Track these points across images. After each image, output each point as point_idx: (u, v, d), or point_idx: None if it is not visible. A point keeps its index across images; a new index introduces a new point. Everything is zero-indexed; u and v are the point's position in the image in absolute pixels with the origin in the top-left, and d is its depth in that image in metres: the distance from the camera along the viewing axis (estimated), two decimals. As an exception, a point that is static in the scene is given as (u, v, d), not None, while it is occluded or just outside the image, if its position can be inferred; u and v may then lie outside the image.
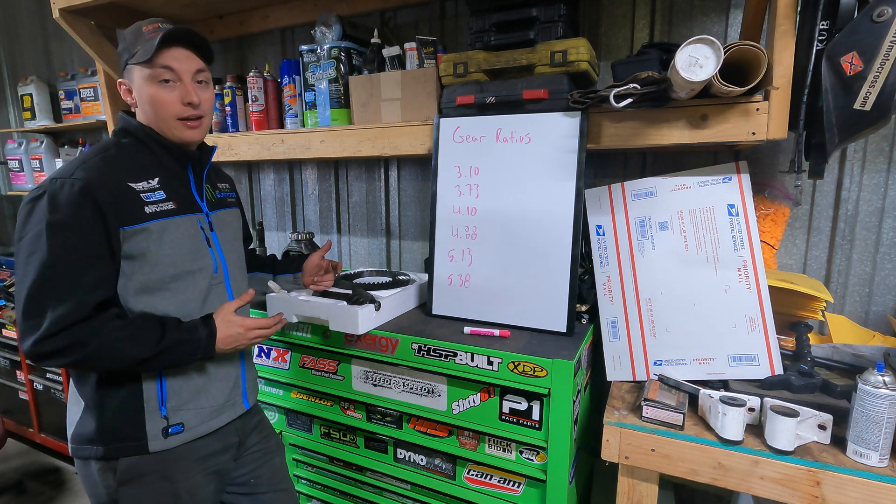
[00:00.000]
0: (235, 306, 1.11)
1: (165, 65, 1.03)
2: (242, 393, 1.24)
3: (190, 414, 1.11)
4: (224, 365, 1.18)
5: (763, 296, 1.22)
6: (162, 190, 1.06)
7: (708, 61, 1.04)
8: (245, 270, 1.33)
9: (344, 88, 1.78)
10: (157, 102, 1.05)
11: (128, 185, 1.02)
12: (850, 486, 0.96)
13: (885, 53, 0.97)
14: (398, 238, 2.18)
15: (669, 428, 1.11)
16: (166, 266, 1.05)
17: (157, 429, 1.07)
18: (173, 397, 1.08)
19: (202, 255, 1.11)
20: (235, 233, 1.28)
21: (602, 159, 1.74)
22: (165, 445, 1.07)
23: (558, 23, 1.38)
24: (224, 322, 1.08)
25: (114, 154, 1.05)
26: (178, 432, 1.09)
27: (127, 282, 1.02)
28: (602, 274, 1.38)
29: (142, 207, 1.02)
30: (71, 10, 1.95)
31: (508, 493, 1.33)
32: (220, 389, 1.16)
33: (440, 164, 1.54)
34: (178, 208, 1.08)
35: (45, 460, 2.77)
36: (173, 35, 1.02)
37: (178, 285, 1.07)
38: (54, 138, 3.08)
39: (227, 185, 1.34)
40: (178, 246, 1.06)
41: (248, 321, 1.11)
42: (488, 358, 1.26)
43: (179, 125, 1.08)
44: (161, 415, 1.07)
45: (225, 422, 1.18)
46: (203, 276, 1.11)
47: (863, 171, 1.44)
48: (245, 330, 1.10)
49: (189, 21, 2.30)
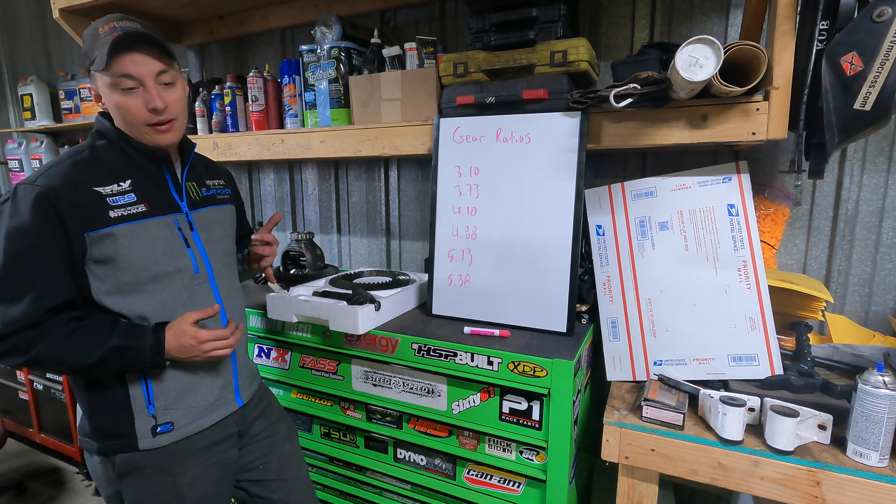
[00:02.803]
0: (195, 318, 1.06)
1: (124, 73, 0.99)
2: (235, 391, 1.23)
3: (179, 413, 1.11)
4: (213, 364, 1.17)
5: (763, 296, 1.22)
6: (133, 192, 1.05)
7: (708, 61, 1.04)
8: (235, 268, 1.31)
9: (344, 88, 1.79)
10: (124, 110, 1.03)
11: (93, 190, 1.00)
12: (850, 486, 0.96)
13: (885, 53, 0.97)
14: (398, 238, 2.18)
15: (669, 428, 1.11)
16: (138, 269, 1.04)
17: (146, 427, 1.07)
18: (161, 397, 1.09)
19: (179, 256, 1.10)
20: (225, 230, 1.26)
21: (602, 159, 1.74)
22: (155, 444, 1.08)
23: (558, 23, 1.38)
24: (176, 332, 1.04)
25: (85, 158, 1.04)
26: (167, 431, 1.09)
27: (101, 284, 1.03)
28: (602, 274, 1.38)
29: (106, 212, 1.00)
30: (71, 10, 1.96)
31: (508, 493, 1.33)
32: (209, 388, 1.16)
33: (440, 164, 1.54)
34: (151, 210, 1.06)
35: (45, 460, 2.77)
36: (124, 41, 0.98)
37: (153, 287, 1.06)
38: (54, 138, 3.08)
39: (221, 182, 1.31)
40: (150, 248, 1.05)
41: (201, 333, 1.06)
42: (488, 358, 1.26)
43: (150, 130, 1.05)
44: (149, 413, 1.07)
45: (216, 419, 1.18)
46: (182, 278, 1.10)
47: (863, 171, 1.44)
48: (198, 342, 1.05)
49: (189, 21, 2.30)
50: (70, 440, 2.53)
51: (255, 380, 1.34)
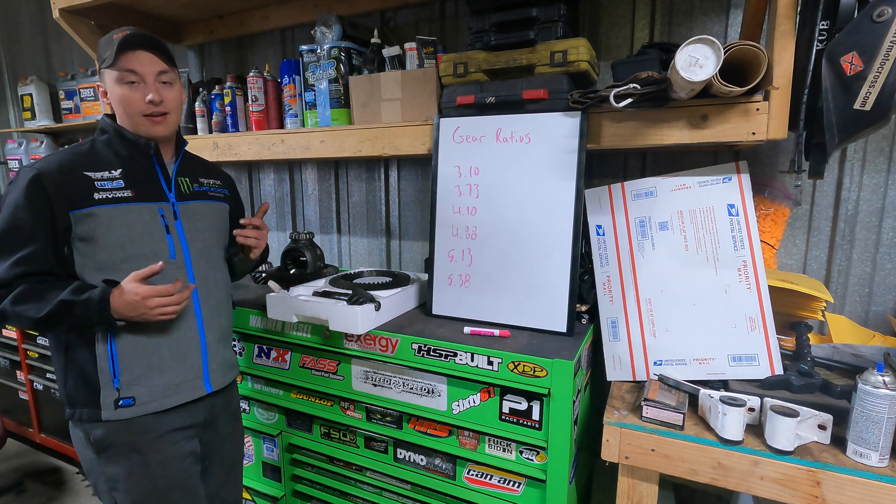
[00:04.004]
0: (140, 276, 1.11)
1: (129, 68, 1.14)
2: (204, 375, 1.27)
3: (142, 389, 1.18)
4: (179, 344, 1.23)
5: (763, 296, 1.22)
6: (122, 179, 1.17)
7: (708, 61, 1.04)
8: (219, 260, 1.36)
9: (344, 88, 1.78)
10: (125, 101, 1.16)
11: (83, 175, 1.13)
12: (850, 486, 0.96)
13: (885, 53, 0.97)
14: (398, 238, 2.18)
15: (669, 428, 1.11)
16: (115, 247, 1.14)
17: (110, 399, 1.16)
18: (125, 371, 1.16)
19: (156, 241, 1.19)
20: (211, 223, 1.33)
21: (602, 159, 1.74)
22: (116, 416, 1.16)
23: (558, 23, 1.38)
24: (121, 290, 1.10)
25: (84, 149, 1.18)
26: (128, 405, 1.16)
27: (83, 260, 1.14)
28: (602, 274, 1.38)
29: (91, 194, 1.12)
30: (71, 10, 1.96)
31: (508, 493, 1.33)
32: (174, 370, 1.22)
33: (440, 164, 1.54)
34: (136, 196, 1.18)
35: (45, 460, 2.77)
36: (131, 40, 1.14)
37: (128, 266, 1.13)
38: (54, 138, 3.08)
39: (218, 182, 1.41)
40: (127, 230, 1.15)
41: (144, 289, 1.10)
42: (488, 358, 1.26)
43: (145, 121, 1.18)
44: (114, 386, 1.16)
45: (181, 401, 1.23)
46: (157, 260, 1.15)
47: (863, 171, 1.44)
48: (141, 298, 1.09)
49: (189, 21, 2.30)
50: (70, 440, 2.52)
51: (230, 371, 1.38)
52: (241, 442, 1.49)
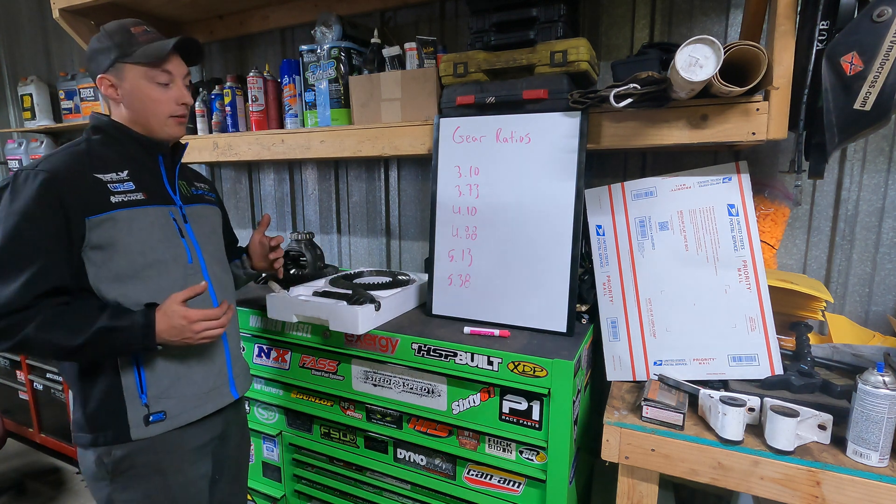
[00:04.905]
0: (183, 297, 1.05)
1: (167, 69, 1.11)
2: (230, 381, 1.24)
3: (172, 402, 1.12)
4: (205, 352, 1.18)
5: (763, 296, 1.22)
6: (131, 181, 1.09)
7: (708, 61, 1.04)
8: (226, 264, 1.34)
9: (344, 88, 1.78)
10: (154, 101, 1.11)
11: (94, 177, 1.04)
12: (850, 486, 0.96)
13: (885, 53, 0.97)
14: (398, 238, 2.18)
15: (669, 428, 1.11)
16: (136, 254, 1.06)
17: (139, 416, 1.08)
18: (153, 385, 1.09)
19: (174, 245, 1.13)
20: (214, 227, 1.30)
21: (602, 159, 1.74)
22: (147, 433, 1.08)
23: (558, 23, 1.38)
24: (166, 313, 1.04)
25: (83, 149, 1.08)
26: (159, 420, 1.10)
27: (98, 271, 1.04)
28: (602, 274, 1.38)
29: (107, 197, 1.04)
30: (71, 10, 1.96)
31: (508, 493, 1.33)
32: (203, 377, 1.17)
33: (440, 164, 1.54)
34: (148, 199, 1.10)
35: (45, 460, 2.77)
36: (181, 45, 1.11)
37: (150, 273, 1.08)
38: (54, 138, 3.08)
39: (206, 186, 1.37)
40: (147, 234, 1.08)
41: (192, 313, 1.05)
42: (488, 358, 1.26)
43: (172, 122, 1.15)
44: (142, 402, 1.08)
45: (210, 410, 1.18)
46: (177, 266, 1.12)
47: (863, 171, 1.44)
48: (188, 322, 1.04)
49: (189, 21, 2.30)
50: (70, 440, 2.53)
51: (248, 377, 1.35)
52: (247, 448, 1.45)
